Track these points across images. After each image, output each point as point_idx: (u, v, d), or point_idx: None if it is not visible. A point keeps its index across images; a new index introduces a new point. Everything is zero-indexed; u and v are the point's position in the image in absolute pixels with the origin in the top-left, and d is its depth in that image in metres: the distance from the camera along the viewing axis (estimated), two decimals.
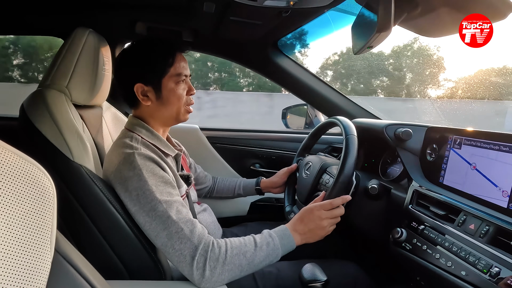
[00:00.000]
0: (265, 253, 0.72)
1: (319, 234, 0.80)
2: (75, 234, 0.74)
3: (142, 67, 0.83)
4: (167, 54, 0.84)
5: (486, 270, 0.58)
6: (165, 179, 0.74)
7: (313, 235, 0.79)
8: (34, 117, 0.77)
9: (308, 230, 0.79)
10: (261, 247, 0.72)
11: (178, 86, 0.85)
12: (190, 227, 0.69)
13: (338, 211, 0.82)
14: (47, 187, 0.37)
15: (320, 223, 0.79)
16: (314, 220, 0.79)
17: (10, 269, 0.33)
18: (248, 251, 0.71)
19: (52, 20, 1.26)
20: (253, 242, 0.73)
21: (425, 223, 0.75)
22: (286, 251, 0.76)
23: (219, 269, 0.67)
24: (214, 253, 0.68)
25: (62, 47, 0.85)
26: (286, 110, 1.67)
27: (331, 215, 0.80)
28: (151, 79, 0.83)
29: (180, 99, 0.85)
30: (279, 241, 0.74)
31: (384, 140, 0.97)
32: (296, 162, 1.19)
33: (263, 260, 0.72)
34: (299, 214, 0.81)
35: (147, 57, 0.83)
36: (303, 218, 0.80)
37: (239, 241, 0.72)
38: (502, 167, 0.66)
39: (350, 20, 0.88)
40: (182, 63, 0.86)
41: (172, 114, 0.87)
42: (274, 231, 0.77)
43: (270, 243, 0.73)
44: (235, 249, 0.70)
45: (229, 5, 0.97)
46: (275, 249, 0.73)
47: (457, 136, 0.79)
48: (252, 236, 0.74)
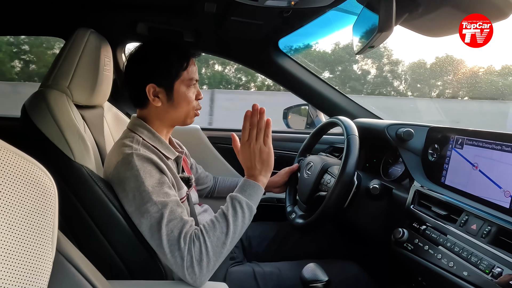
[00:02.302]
0: (239, 217, 0.73)
1: (266, 159, 0.80)
2: (76, 234, 0.75)
3: (157, 68, 0.83)
4: (182, 58, 0.84)
5: (488, 270, 0.57)
6: (162, 180, 0.74)
7: (265, 166, 0.80)
8: (36, 117, 0.77)
9: (258, 164, 0.80)
10: (232, 214, 0.72)
11: (189, 90, 0.86)
12: (180, 228, 0.69)
13: (253, 132, 0.81)
14: (49, 187, 0.37)
15: (256, 152, 0.80)
16: (251, 154, 0.80)
17: (12, 269, 0.33)
18: (223, 226, 0.71)
19: (53, 21, 1.26)
20: (223, 214, 0.73)
21: (427, 223, 0.75)
22: (258, 197, 0.77)
23: (205, 260, 0.67)
24: (196, 247, 0.68)
25: (63, 47, 0.86)
26: (287, 110, 1.67)
27: (252, 139, 0.80)
28: (164, 81, 0.83)
29: (190, 103, 0.87)
30: (243, 196, 0.75)
31: (385, 140, 0.97)
32: (297, 162, 1.19)
33: (240, 224, 0.72)
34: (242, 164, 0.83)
35: (163, 59, 0.83)
36: (244, 163, 0.82)
37: (211, 221, 0.72)
38: (505, 167, 0.66)
39: (351, 20, 0.88)
40: (194, 67, 0.87)
41: (180, 117, 0.88)
42: (236, 190, 0.78)
43: (236, 205, 0.74)
44: (210, 231, 0.70)
45: (230, 5, 0.97)
46: (245, 206, 0.74)
47: (459, 136, 0.79)
48: (221, 208, 0.75)
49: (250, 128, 0.81)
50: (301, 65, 1.43)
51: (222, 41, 1.37)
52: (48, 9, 1.19)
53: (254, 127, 0.80)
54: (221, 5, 1.00)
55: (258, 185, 0.78)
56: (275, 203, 1.45)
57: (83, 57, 0.85)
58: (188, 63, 0.85)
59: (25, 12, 1.20)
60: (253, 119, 0.80)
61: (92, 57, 0.87)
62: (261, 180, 0.80)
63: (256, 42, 1.34)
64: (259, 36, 1.29)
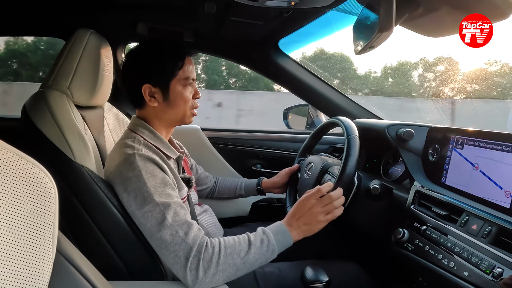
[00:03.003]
0: (260, 250, 0.71)
1: (315, 226, 0.77)
2: (76, 235, 0.74)
3: (152, 68, 0.83)
4: (177, 56, 0.84)
5: (488, 270, 0.57)
6: (165, 181, 0.74)
7: (309, 228, 0.77)
8: (36, 118, 0.77)
9: (303, 223, 0.77)
10: (256, 245, 0.71)
11: (185, 89, 0.85)
12: (186, 229, 0.69)
13: (328, 199, 0.79)
14: (49, 188, 0.37)
15: (313, 214, 0.77)
16: (306, 211, 0.77)
17: (12, 269, 0.33)
18: (242, 250, 0.69)
19: (53, 21, 1.26)
20: (247, 241, 0.71)
21: (427, 224, 0.75)
22: (283, 247, 0.74)
23: (212, 270, 0.66)
24: (207, 253, 0.67)
25: (63, 48, 0.86)
26: (287, 110, 1.67)
27: (322, 203, 0.78)
28: (160, 81, 0.83)
29: (187, 102, 0.86)
30: (274, 237, 0.73)
31: (386, 140, 0.97)
32: (297, 162, 1.18)
33: (258, 258, 0.70)
34: (292, 209, 0.79)
35: (157, 58, 0.83)
36: (295, 212, 0.78)
37: (233, 240, 0.71)
38: (505, 168, 0.66)
39: (351, 20, 0.88)
40: (190, 66, 0.86)
41: (178, 116, 0.87)
42: (269, 227, 0.76)
43: (265, 240, 0.72)
44: (228, 248, 0.69)
45: (230, 5, 0.98)
46: (270, 246, 0.72)
47: (459, 136, 0.79)
48: (247, 234, 0.73)
49: (328, 197, 0.79)
50: (301, 65, 1.43)
51: (222, 42, 1.38)
52: (48, 10, 1.19)
53: (331, 200, 0.79)
54: (221, 5, 1.00)
55: (290, 238, 0.75)
56: (276, 204, 1.45)
57: (83, 57, 0.85)
58: (184, 62, 0.84)
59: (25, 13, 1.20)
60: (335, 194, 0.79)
61: (92, 58, 0.88)
62: (294, 235, 0.76)
63: (256, 42, 1.34)
64: (259, 37, 1.29)
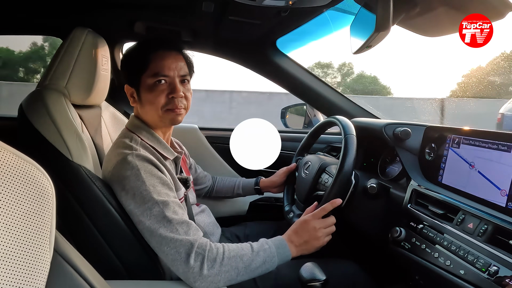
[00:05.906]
0: (262, 258, 0.72)
1: (314, 245, 0.80)
2: (74, 234, 0.74)
3: (125, 68, 0.84)
4: (144, 53, 0.81)
5: (484, 269, 0.58)
6: (163, 180, 0.74)
7: (308, 247, 0.79)
8: (33, 117, 0.77)
9: (303, 241, 0.79)
10: (258, 252, 0.72)
11: (155, 87, 0.79)
12: (185, 228, 0.69)
13: (331, 220, 0.82)
14: (46, 187, 0.37)
15: (315, 234, 0.79)
16: (308, 231, 0.79)
17: (9, 269, 0.33)
18: (245, 255, 0.71)
19: (51, 20, 1.26)
20: (250, 247, 0.73)
21: (424, 222, 0.75)
22: (282, 260, 0.76)
23: (216, 269, 0.67)
24: (212, 253, 0.68)
25: (60, 47, 0.85)
26: (285, 109, 1.67)
27: (324, 225, 0.81)
28: (132, 80, 0.82)
29: (155, 100, 0.79)
30: (275, 249, 0.74)
31: (383, 139, 0.97)
32: (295, 161, 1.19)
33: (259, 266, 0.72)
34: (294, 226, 0.81)
35: (130, 57, 0.83)
36: (297, 229, 0.80)
37: (236, 245, 0.73)
38: (501, 166, 0.66)
39: (349, 19, 0.88)
40: (164, 62, 0.79)
41: (154, 117, 0.82)
42: (271, 240, 0.77)
43: (267, 249, 0.74)
44: (232, 252, 0.70)
45: (228, 4, 0.97)
46: (272, 256, 0.73)
47: (456, 135, 0.79)
48: (249, 243, 0.75)
49: (330, 216, 0.82)
50: (299, 64, 1.43)
51: (220, 41, 1.37)
52: (45, 8, 1.19)
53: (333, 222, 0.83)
54: (219, 4, 1.00)
55: (289, 253, 0.76)
56: (273, 203, 1.45)
57: (80, 56, 0.85)
58: (150, 57, 0.78)
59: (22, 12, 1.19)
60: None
61: (90, 57, 0.87)
62: (293, 251, 0.77)
63: (254, 41, 1.34)
64: (257, 36, 1.29)
